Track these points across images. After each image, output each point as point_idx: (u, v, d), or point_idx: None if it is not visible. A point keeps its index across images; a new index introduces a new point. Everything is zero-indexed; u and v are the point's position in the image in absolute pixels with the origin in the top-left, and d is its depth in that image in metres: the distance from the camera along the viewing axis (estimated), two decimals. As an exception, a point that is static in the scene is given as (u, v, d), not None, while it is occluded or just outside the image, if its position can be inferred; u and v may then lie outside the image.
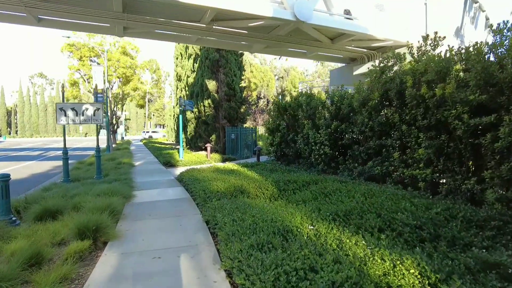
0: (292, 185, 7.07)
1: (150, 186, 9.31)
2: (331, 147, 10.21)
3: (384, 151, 7.98)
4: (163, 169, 13.30)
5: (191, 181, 8.62)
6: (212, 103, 18.16)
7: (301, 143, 11.58)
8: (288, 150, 12.44)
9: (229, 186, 7.08)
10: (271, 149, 13.39)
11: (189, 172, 10.32)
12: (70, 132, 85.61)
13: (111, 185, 8.26)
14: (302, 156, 11.70)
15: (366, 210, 4.71)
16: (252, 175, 8.82)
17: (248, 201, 5.69)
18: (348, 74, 14.27)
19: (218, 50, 18.19)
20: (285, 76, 54.62)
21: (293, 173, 9.25)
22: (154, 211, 6.29)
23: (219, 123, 18.68)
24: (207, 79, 18.25)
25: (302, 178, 7.61)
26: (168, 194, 8.04)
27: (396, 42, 11.77)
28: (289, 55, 14.97)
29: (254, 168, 10.73)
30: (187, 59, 24.43)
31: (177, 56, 31.01)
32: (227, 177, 8.36)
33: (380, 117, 7.74)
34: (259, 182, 7.47)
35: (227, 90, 17.88)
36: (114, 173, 11.44)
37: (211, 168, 10.79)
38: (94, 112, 10.73)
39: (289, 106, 12.59)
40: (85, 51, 23.07)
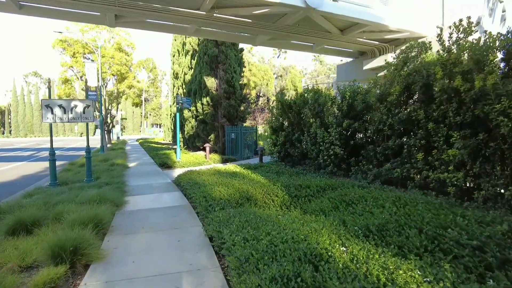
0: (305, 191, 6.24)
1: (145, 190, 8.46)
2: (342, 147, 9.40)
3: (405, 152, 7.17)
4: (159, 171, 12.43)
5: (190, 185, 7.77)
6: (211, 101, 17.30)
7: (307, 143, 10.76)
8: (293, 151, 11.61)
9: (233, 192, 6.24)
10: (274, 149, 12.56)
11: (187, 174, 9.47)
12: (66, 132, 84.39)
13: (101, 190, 7.40)
14: (309, 156, 10.88)
15: (403, 224, 3.89)
16: (257, 179, 7.99)
17: (257, 212, 4.85)
18: (357, 69, 13.46)
19: (217, 45, 17.32)
20: (284, 74, 53.82)
21: (302, 176, 8.42)
22: (148, 222, 5.44)
23: (218, 122, 17.82)
24: (206, 76, 17.38)
25: (315, 182, 6.78)
26: (165, 201, 7.18)
27: (412, 33, 10.94)
28: (294, 49, 14.09)
29: (258, 170, 9.89)
30: (184, 55, 23.55)
31: (173, 54, 30.09)
32: (229, 181, 7.52)
33: (401, 114, 6.92)
34: (267, 187, 6.64)
35: (226, 88, 17.03)
36: (106, 176, 10.57)
37: (211, 171, 9.94)
38: (84, 109, 9.86)
39: (294, 103, 11.76)
40: (78, 47, 22.11)
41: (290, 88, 50.93)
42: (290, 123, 12.03)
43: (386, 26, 10.51)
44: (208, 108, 17.73)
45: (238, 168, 10.31)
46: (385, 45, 12.35)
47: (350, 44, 12.62)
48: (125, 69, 23.51)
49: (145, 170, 12.79)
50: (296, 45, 13.86)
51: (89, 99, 10.13)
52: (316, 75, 61.23)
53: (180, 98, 14.10)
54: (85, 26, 22.36)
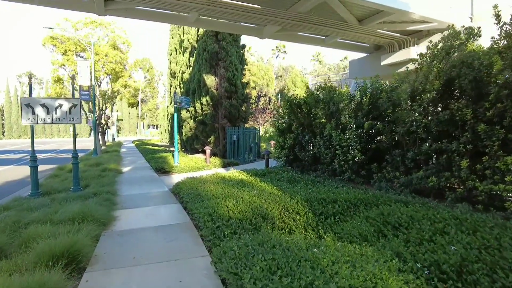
0: (332, 207, 5.15)
1: (138, 202, 7.34)
2: (362, 151, 8.34)
3: (444, 158, 6.12)
4: (155, 177, 11.30)
5: (191, 197, 6.67)
6: (211, 100, 16.19)
7: (320, 146, 9.69)
8: (303, 155, 10.53)
9: (244, 209, 5.15)
10: (281, 153, 11.47)
11: (187, 182, 8.35)
12: (61, 133, 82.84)
13: (87, 203, 6.28)
14: (322, 161, 9.81)
15: (489, 263, 2.83)
16: (269, 189, 6.89)
17: (282, 239, 3.76)
18: (372, 64, 12.41)
19: (217, 41, 16.23)
20: (284, 74, 52.86)
21: (319, 186, 7.33)
22: (141, 249, 4.33)
23: (218, 123, 16.72)
24: (205, 74, 16.27)
25: (342, 195, 5.69)
26: (161, 217, 6.07)
27: (441, 23, 9.85)
28: (304, 42, 12.89)
29: (267, 177, 8.80)
30: (182, 53, 22.43)
31: (170, 52, 28.95)
32: (237, 192, 6.43)
33: (442, 114, 5.85)
34: (283, 201, 5.54)
35: (227, 86, 15.93)
36: (96, 183, 9.44)
37: (213, 178, 8.84)
38: (70, 109, 8.74)
39: (304, 102, 10.69)
40: (70, 44, 20.91)
41: (290, 88, 49.93)
42: (299, 124, 10.95)
43: (412, 15, 9.38)
44: (208, 108, 16.63)
45: (244, 175, 9.21)
46: (406, 38, 11.25)
47: (366, 37, 11.50)
48: (120, 67, 22.33)
49: (140, 175, 11.66)
50: (306, 38, 12.75)
51: (76, 98, 8.99)
52: (316, 75, 60.26)
53: (178, 97, 13.00)
54: (78, 23, 21.19)
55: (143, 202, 7.26)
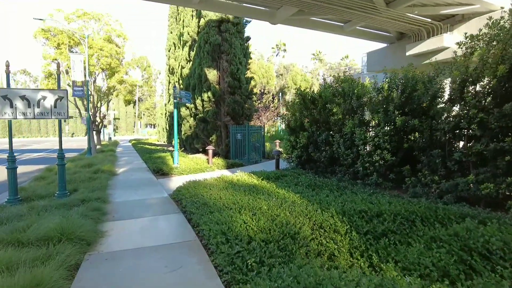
0: (379, 223, 4.04)
1: (133, 211, 6.20)
2: (392, 151, 7.25)
3: (507, 160, 5.02)
4: (153, 180, 10.15)
5: (196, 206, 5.54)
6: (213, 96, 15.05)
7: (340, 146, 8.60)
8: (319, 155, 9.43)
9: (268, 225, 4.04)
10: (293, 153, 10.36)
11: (189, 187, 7.22)
12: (56, 132, 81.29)
13: (69, 214, 5.15)
14: (341, 163, 8.71)
15: None
16: (289, 197, 5.78)
17: (333, 276, 2.64)
18: (394, 55, 11.29)
19: (220, 33, 15.08)
20: (285, 73, 51.73)
21: (348, 192, 6.23)
22: (134, 284, 3.21)
23: (220, 120, 15.58)
24: (207, 68, 15.12)
25: (385, 207, 4.58)
26: (161, 232, 4.94)
27: (485, 5, 8.67)
28: (321, 28, 11.60)
29: (281, 181, 7.69)
30: (182, 48, 21.29)
31: (169, 47, 27.77)
32: (253, 201, 5.32)
33: (509, 105, 4.74)
34: (314, 214, 4.44)
35: (231, 81, 14.79)
36: (86, 187, 8.29)
37: (220, 182, 7.73)
38: (55, 102, 7.59)
39: (320, 96, 9.59)
40: (62, 37, 19.69)
41: (291, 87, 48.85)
42: (314, 121, 9.85)
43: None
44: (209, 105, 15.48)
45: (255, 178, 8.09)
46: (437, 23, 10.06)
47: (392, 23, 10.29)
48: (115, 62, 21.12)
49: (136, 178, 10.50)
50: (323, 25, 11.56)
51: (62, 89, 7.83)
52: (317, 73, 59.23)
53: (178, 92, 11.86)
54: (70, 14, 19.98)
55: (139, 212, 6.12)
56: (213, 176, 9.41)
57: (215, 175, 10.32)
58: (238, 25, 15.36)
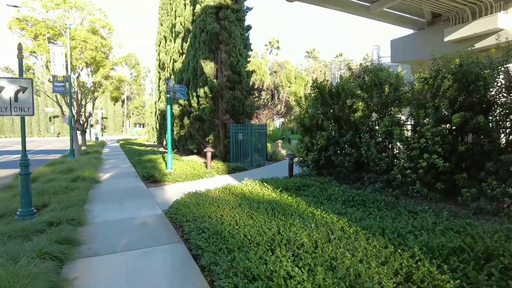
0: (503, 275, 2.55)
1: (116, 239, 4.59)
2: (444, 155, 5.81)
3: None
4: (143, 189, 8.52)
5: (205, 237, 3.94)
6: (210, 92, 13.43)
7: (371, 148, 7.13)
8: (341, 159, 7.95)
9: (330, 284, 2.51)
10: (308, 156, 8.85)
11: (190, 203, 5.63)
12: (41, 132, 78.25)
13: (18, 257, 3.55)
14: (372, 168, 7.24)
15: None
16: (332, 220, 4.25)
17: None
18: (427, 42, 9.82)
19: (218, 20, 13.46)
20: (279, 70, 50.26)
21: (403, 211, 4.74)
22: None
23: (218, 119, 13.98)
24: (203, 60, 13.50)
25: (488, 241, 3.09)
26: (156, 281, 3.36)
27: None
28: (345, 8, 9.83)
29: (306, 193, 6.16)
30: (174, 40, 19.59)
31: (159, 41, 26.03)
32: (285, 229, 3.79)
33: None
34: (386, 255, 2.95)
35: (230, 75, 13.21)
36: (59, 201, 6.64)
37: (228, 194, 6.18)
38: (15, 95, 5.94)
39: (343, 89, 8.11)
40: (41, 27, 17.79)
41: (285, 85, 47.43)
42: (334, 118, 8.37)
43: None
44: (206, 102, 13.87)
45: (270, 189, 6.54)
46: (486, 1, 8.56)
47: (428, 2, 8.80)
48: (101, 56, 19.28)
49: (123, 187, 8.85)
50: (348, 4, 9.97)
51: (26, 78, 6.14)
52: (311, 71, 57.93)
53: (171, 85, 10.23)
54: (48, 1, 18.06)
55: (125, 240, 4.52)
56: (215, 185, 7.84)
57: (217, 183, 8.75)
58: (238, 12, 13.77)
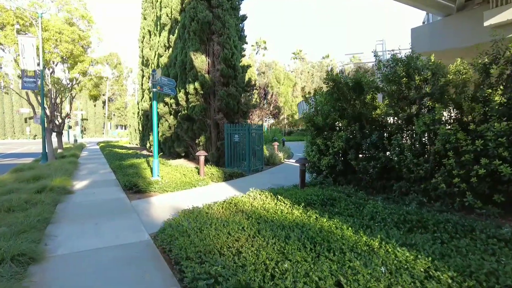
0: None
1: (81, 286, 3.13)
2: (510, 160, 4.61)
3: None
4: (125, 203, 6.99)
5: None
6: (201, 88, 11.99)
7: (404, 152, 5.90)
8: (364, 164, 6.69)
9: None
10: (322, 161, 7.54)
11: (189, 229, 4.20)
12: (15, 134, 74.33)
13: None
14: (405, 175, 6.00)
15: None
16: (409, 261, 2.92)
17: None
18: (458, 29, 8.72)
19: (210, 8, 12.04)
20: (267, 71, 49.06)
21: (467, 234, 3.48)
22: None
23: (210, 118, 12.53)
24: (193, 52, 12.04)
25: None
26: None
27: None
28: None
29: (336, 210, 4.82)
30: (159, 33, 18.03)
31: (143, 36, 24.32)
32: (342, 276, 2.44)
33: None
34: None
35: (224, 69, 11.81)
36: (13, 222, 5.07)
37: (235, 212, 4.80)
38: None
39: (366, 82, 6.85)
40: (8, 16, 15.89)
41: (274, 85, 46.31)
42: (355, 116, 7.10)
43: None
44: (196, 99, 12.41)
45: (289, 205, 5.17)
46: None
47: None
48: (79, 49, 17.48)
49: (99, 199, 7.29)
50: None
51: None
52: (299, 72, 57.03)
53: (158, 78, 8.74)
54: (18, -13, 16.23)
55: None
56: (213, 197, 6.45)
57: (215, 193, 7.34)
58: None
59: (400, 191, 6.22)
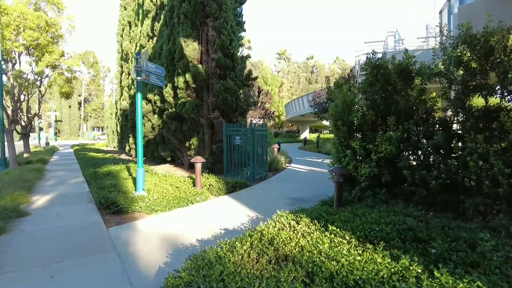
0: None
1: None
2: None
3: None
4: (99, 233, 5.03)
5: None
6: (193, 80, 10.11)
7: (491, 158, 4.28)
8: (423, 175, 5.02)
9: None
10: (361, 170, 5.82)
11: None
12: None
13: None
14: (488, 189, 4.37)
15: None
16: None
17: None
18: None
19: (204, -13, 10.20)
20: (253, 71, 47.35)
21: None
22: None
23: (204, 116, 10.65)
24: (184, 38, 10.14)
25: None
26: None
27: None
28: None
29: (440, 251, 3.06)
30: (141, 23, 15.97)
31: (122, 28, 22.08)
32: None
33: None
34: None
35: (221, 58, 9.98)
36: None
37: (274, 256, 2.99)
38: None
39: (428, 66, 5.20)
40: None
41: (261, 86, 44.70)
42: (406, 111, 5.44)
43: None
44: (187, 94, 10.51)
45: (353, 242, 3.39)
46: None
47: None
48: (46, 38, 15.17)
49: (64, 227, 5.29)
50: None
51: None
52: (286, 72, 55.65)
53: (143, 63, 6.82)
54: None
55: None
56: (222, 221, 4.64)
57: (220, 213, 5.51)
58: (229, -22, 10.59)
59: (475, 209, 4.61)
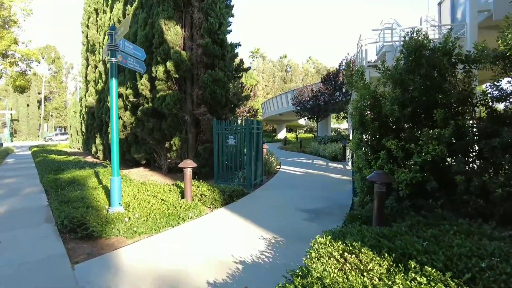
0: None
1: None
2: None
3: None
4: (60, 274, 3.55)
5: None
6: (176, 70, 8.65)
7: None
8: (484, 182, 3.96)
9: None
10: (400, 176, 4.67)
11: None
12: None
13: None
14: None
15: None
16: None
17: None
18: None
19: (188, -40, 8.75)
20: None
21: None
22: None
23: (189, 112, 9.20)
24: (165, 20, 8.64)
25: None
26: None
27: None
28: None
29: None
30: (110, 8, 14.16)
31: (88, 16, 19.90)
32: None
33: None
34: None
35: (209, 44, 8.59)
36: None
37: None
38: None
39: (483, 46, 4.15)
40: None
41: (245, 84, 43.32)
42: (460, 103, 4.37)
43: None
44: (167, 86, 9.01)
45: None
46: None
47: None
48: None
49: (3, 265, 3.75)
50: None
51: None
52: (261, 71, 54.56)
53: (120, 43, 5.33)
54: None
55: None
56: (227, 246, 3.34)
57: (222, 234, 4.16)
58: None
59: None
